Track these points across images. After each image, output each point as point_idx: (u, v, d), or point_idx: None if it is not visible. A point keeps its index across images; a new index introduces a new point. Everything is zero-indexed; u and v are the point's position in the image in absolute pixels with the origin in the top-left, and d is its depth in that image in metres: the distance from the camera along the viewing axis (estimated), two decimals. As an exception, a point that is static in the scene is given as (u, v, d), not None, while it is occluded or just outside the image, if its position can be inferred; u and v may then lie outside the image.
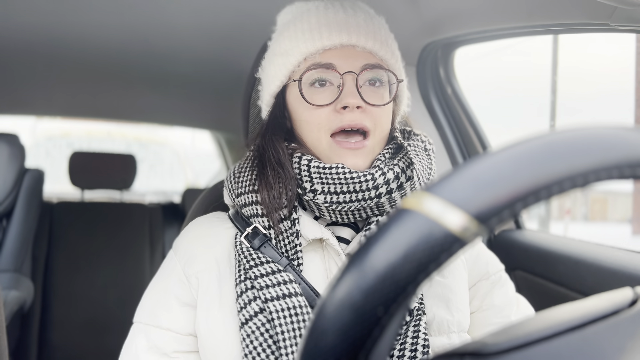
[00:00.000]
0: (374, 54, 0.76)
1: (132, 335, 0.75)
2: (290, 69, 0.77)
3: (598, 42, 11.33)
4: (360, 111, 0.73)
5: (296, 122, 0.78)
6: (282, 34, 0.79)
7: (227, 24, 1.52)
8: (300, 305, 0.68)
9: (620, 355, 0.32)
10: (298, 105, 0.77)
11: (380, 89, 0.76)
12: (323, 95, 0.74)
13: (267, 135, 0.78)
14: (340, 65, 0.74)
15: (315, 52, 0.74)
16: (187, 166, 4.63)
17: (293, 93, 0.77)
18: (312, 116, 0.75)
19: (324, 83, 0.75)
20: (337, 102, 0.73)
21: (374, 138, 0.75)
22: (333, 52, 0.75)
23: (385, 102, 0.76)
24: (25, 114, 2.71)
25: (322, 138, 0.74)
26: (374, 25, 0.78)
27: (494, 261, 0.84)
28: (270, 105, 0.81)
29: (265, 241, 0.73)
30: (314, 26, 0.75)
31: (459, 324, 0.76)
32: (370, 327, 0.29)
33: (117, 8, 1.42)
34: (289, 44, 0.77)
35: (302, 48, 0.75)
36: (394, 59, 0.79)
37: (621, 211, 20.47)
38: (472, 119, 1.52)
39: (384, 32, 0.79)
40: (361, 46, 0.75)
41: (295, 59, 0.76)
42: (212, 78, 2.08)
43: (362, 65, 0.75)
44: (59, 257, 2.27)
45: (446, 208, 0.29)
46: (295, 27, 0.77)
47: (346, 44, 0.74)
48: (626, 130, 0.32)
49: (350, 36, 0.74)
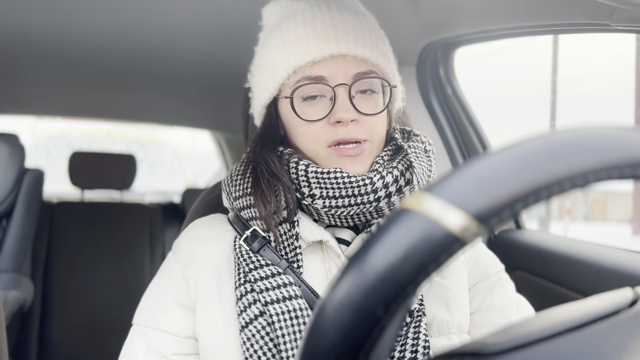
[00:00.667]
0: (365, 60, 0.74)
1: (131, 337, 0.75)
2: (280, 82, 0.75)
3: (598, 42, 11.29)
4: (354, 123, 0.72)
5: (290, 131, 0.77)
6: (269, 42, 0.76)
7: (227, 24, 1.52)
8: (301, 308, 0.67)
9: (620, 355, 0.32)
10: (291, 118, 0.75)
11: (374, 96, 0.75)
12: (316, 108, 0.73)
13: (256, 149, 0.77)
14: (331, 77, 0.72)
15: (304, 64, 0.72)
16: (187, 166, 4.63)
17: (285, 106, 0.76)
18: (306, 130, 0.74)
19: (316, 96, 0.73)
20: (330, 115, 0.72)
21: (371, 144, 0.74)
22: (323, 64, 0.72)
23: (380, 109, 0.75)
24: (25, 114, 2.71)
25: (319, 149, 0.73)
26: (363, 28, 0.75)
27: (493, 261, 0.84)
28: (262, 115, 0.80)
29: (265, 244, 0.72)
30: (301, 37, 0.73)
31: (458, 325, 0.76)
32: (370, 327, 0.29)
33: (118, 8, 1.42)
34: (276, 56, 0.74)
35: (291, 61, 0.73)
36: (386, 61, 0.76)
37: (621, 211, 20.46)
38: (472, 119, 1.52)
39: (374, 35, 0.76)
40: (351, 55, 0.72)
41: (284, 72, 0.74)
42: (212, 78, 2.08)
43: (353, 74, 0.73)
44: (59, 257, 2.27)
45: (446, 208, 0.29)
46: (283, 36, 0.75)
47: (336, 54, 0.72)
48: (626, 130, 0.32)
49: (340, 46, 0.72)
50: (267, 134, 0.79)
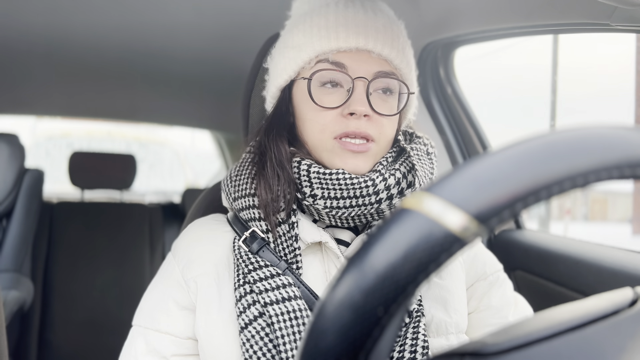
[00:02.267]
0: (389, 61, 0.73)
1: (131, 338, 0.75)
2: (301, 65, 0.74)
3: (598, 42, 11.31)
4: (367, 119, 0.71)
5: (300, 119, 0.76)
6: (297, 26, 0.76)
7: (227, 24, 1.52)
8: (300, 309, 0.67)
9: (620, 355, 0.32)
10: (304, 103, 0.75)
11: (390, 98, 0.74)
12: (332, 97, 0.73)
13: (271, 133, 0.77)
14: (352, 68, 0.72)
15: (329, 51, 0.72)
16: (187, 166, 4.63)
17: (300, 90, 0.75)
18: (317, 117, 0.73)
19: (335, 84, 0.73)
20: (344, 106, 0.72)
21: (377, 145, 0.73)
22: (347, 54, 0.72)
23: (393, 112, 0.74)
24: (25, 114, 2.71)
25: (325, 139, 0.73)
26: (393, 31, 0.75)
27: (491, 261, 0.84)
28: (276, 98, 0.79)
29: (264, 245, 0.72)
30: (331, 24, 0.73)
31: (457, 325, 0.76)
32: (370, 327, 0.29)
33: (117, 8, 1.42)
34: (302, 39, 0.74)
35: (315, 45, 0.72)
36: (408, 68, 0.76)
37: (621, 211, 20.47)
38: (472, 119, 1.52)
39: (402, 40, 0.76)
40: (377, 52, 0.72)
41: (307, 55, 0.73)
42: (212, 78, 2.08)
43: (375, 72, 0.72)
44: (59, 257, 2.27)
45: (446, 208, 0.29)
46: (312, 21, 0.74)
47: (362, 48, 0.72)
48: (626, 130, 0.32)
49: (368, 41, 0.71)
50: (278, 121, 0.78)
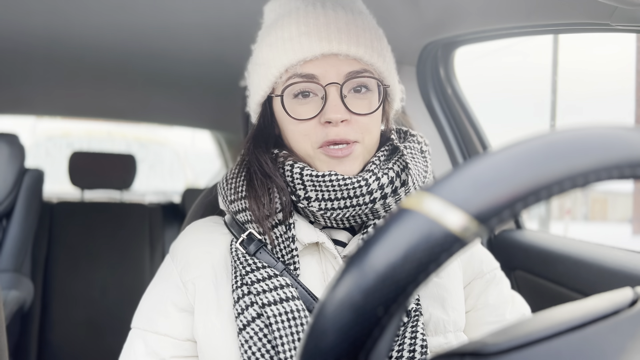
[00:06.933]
0: (359, 59, 0.73)
1: (130, 340, 0.75)
2: (273, 80, 0.74)
3: (598, 42, 11.30)
4: (345, 124, 0.71)
5: (283, 130, 0.77)
6: (264, 40, 0.76)
7: (227, 24, 1.52)
8: (298, 309, 0.68)
9: (620, 355, 0.32)
10: (283, 117, 0.75)
11: (367, 94, 0.74)
12: (307, 107, 0.72)
13: (250, 148, 0.77)
14: (322, 75, 0.71)
15: (296, 63, 0.71)
16: (187, 166, 4.63)
17: (278, 104, 0.75)
18: (297, 128, 0.73)
19: (307, 94, 0.72)
20: (321, 115, 0.71)
21: (362, 145, 0.73)
22: (315, 63, 0.71)
23: (372, 109, 0.73)
24: (25, 114, 2.71)
25: (309, 149, 0.73)
26: (357, 26, 0.73)
27: (488, 259, 0.84)
28: (257, 113, 0.80)
29: (261, 247, 0.72)
30: (294, 35, 0.72)
31: (455, 324, 0.76)
32: (370, 327, 0.29)
33: (117, 8, 1.42)
34: (269, 54, 0.74)
35: (283, 59, 0.72)
36: (380, 60, 0.75)
37: (621, 211, 20.47)
38: (472, 119, 1.52)
39: (368, 34, 0.74)
40: (344, 54, 0.71)
41: (276, 71, 0.73)
42: (212, 78, 2.08)
43: (346, 73, 0.72)
44: (59, 257, 2.27)
45: (446, 208, 0.29)
46: (276, 34, 0.74)
47: (327, 54, 0.71)
48: (626, 130, 0.32)
49: (331, 45, 0.71)
50: (261, 133, 0.79)
